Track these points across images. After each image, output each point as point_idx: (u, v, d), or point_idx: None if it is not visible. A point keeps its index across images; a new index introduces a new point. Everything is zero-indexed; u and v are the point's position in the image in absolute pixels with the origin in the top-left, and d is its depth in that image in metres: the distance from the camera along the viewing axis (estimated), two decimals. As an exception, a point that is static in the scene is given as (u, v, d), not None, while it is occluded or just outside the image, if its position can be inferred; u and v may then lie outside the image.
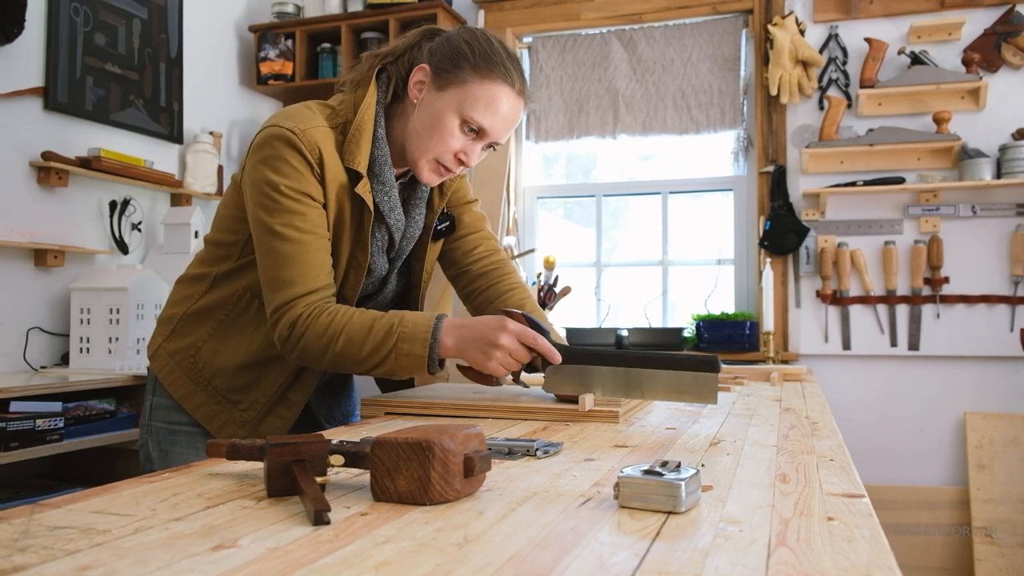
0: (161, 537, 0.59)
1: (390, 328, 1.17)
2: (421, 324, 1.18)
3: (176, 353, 1.33)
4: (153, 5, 3.14)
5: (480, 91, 1.22)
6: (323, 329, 1.18)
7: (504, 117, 1.24)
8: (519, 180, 3.67)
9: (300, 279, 1.19)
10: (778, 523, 0.63)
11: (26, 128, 2.66)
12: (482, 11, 3.58)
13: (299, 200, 1.19)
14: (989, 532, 2.89)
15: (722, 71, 3.36)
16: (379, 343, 1.17)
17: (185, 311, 1.33)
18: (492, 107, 1.22)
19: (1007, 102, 3.00)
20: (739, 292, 3.41)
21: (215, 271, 1.32)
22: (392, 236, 1.33)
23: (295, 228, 1.19)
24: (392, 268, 1.38)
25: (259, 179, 1.21)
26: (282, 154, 1.19)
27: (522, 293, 1.47)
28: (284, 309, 1.19)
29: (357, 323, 1.18)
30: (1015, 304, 2.98)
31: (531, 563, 0.53)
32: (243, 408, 1.30)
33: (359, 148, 1.24)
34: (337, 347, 1.18)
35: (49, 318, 2.75)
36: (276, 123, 1.22)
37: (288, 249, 1.19)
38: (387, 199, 1.29)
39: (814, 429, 1.15)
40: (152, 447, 1.35)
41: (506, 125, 1.26)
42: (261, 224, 1.21)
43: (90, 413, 2.41)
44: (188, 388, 1.32)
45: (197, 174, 3.23)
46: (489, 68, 1.22)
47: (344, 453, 0.75)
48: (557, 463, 0.88)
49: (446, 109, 1.23)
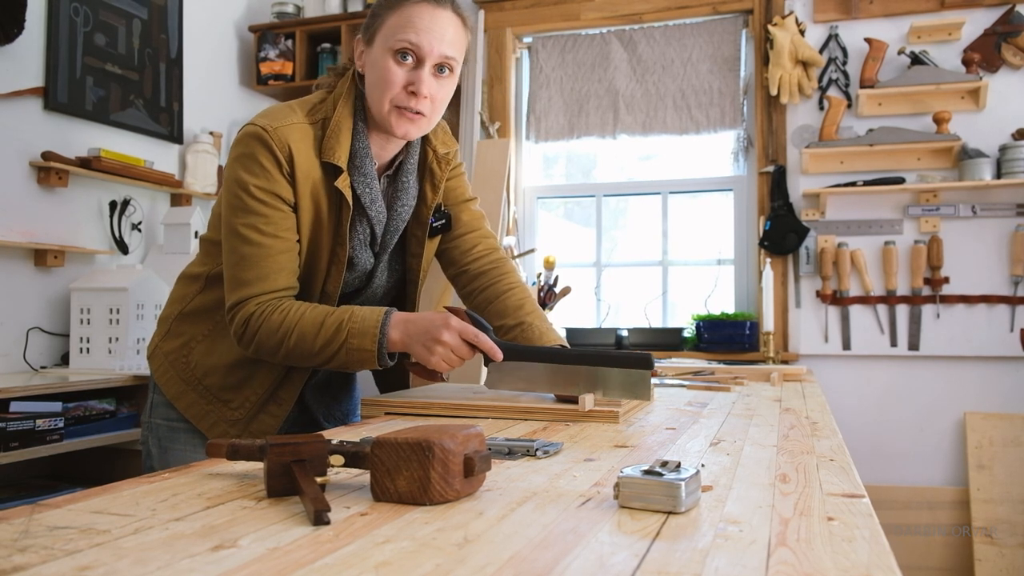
0: (161, 537, 0.59)
1: (340, 323, 1.20)
2: (370, 319, 1.20)
3: (170, 353, 1.36)
4: (153, 5, 3.14)
5: (395, 19, 1.24)
6: (276, 325, 1.21)
7: (427, 28, 1.23)
8: (519, 180, 3.67)
9: (256, 281, 1.22)
10: (778, 523, 0.63)
11: (26, 128, 2.66)
12: (482, 11, 3.58)
13: (265, 202, 1.22)
14: (989, 532, 2.89)
15: (722, 71, 3.36)
16: (330, 338, 1.19)
17: (180, 311, 1.36)
18: (411, 24, 1.23)
19: (1007, 102, 3.00)
20: (739, 292, 3.41)
21: (207, 271, 1.34)
22: (374, 229, 1.33)
23: (257, 231, 1.21)
24: (378, 262, 1.38)
25: (231, 177, 1.24)
26: (253, 152, 1.22)
27: (521, 292, 1.47)
28: (239, 307, 1.23)
29: (309, 319, 1.21)
30: (1015, 304, 2.98)
31: (531, 563, 0.53)
32: (234, 407, 1.32)
33: (338, 142, 1.25)
34: (290, 343, 1.21)
35: (49, 318, 2.75)
36: (252, 121, 1.25)
37: (248, 251, 1.22)
38: (368, 191, 1.29)
39: (814, 429, 1.15)
40: (153, 444, 1.38)
41: (434, 35, 1.23)
42: (227, 224, 1.24)
43: (90, 413, 2.41)
44: (179, 388, 1.34)
45: (197, 174, 3.23)
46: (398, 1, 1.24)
47: (344, 453, 0.75)
48: (557, 463, 0.88)
49: (379, 54, 1.25)
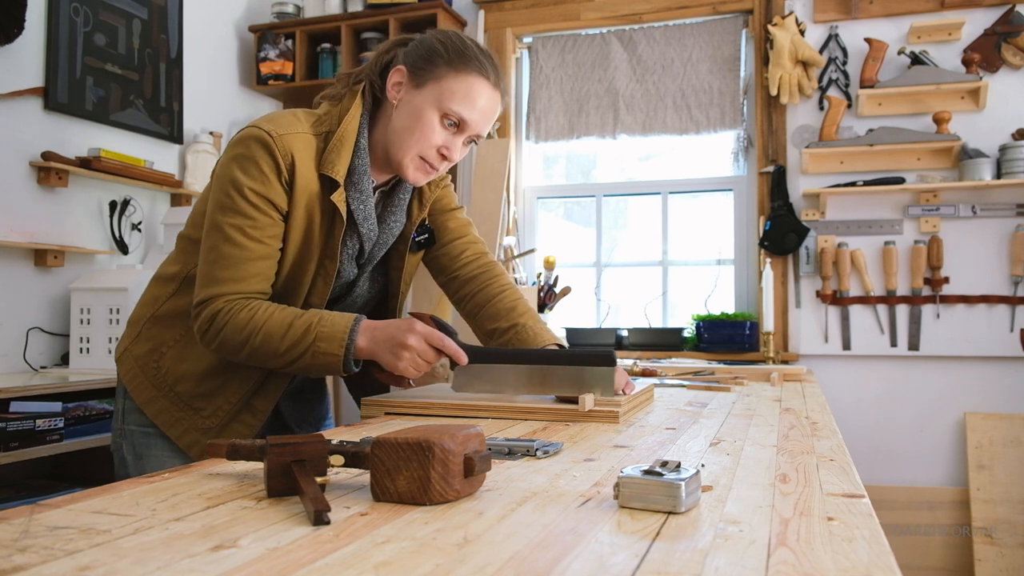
0: (161, 537, 0.59)
1: (309, 326, 1.19)
2: (339, 325, 1.19)
3: (140, 357, 1.32)
4: (153, 5, 3.14)
5: (457, 84, 1.24)
6: (243, 323, 1.19)
7: (482, 109, 1.26)
8: (519, 180, 3.67)
9: (230, 281, 1.20)
10: (778, 523, 0.63)
11: (26, 128, 2.66)
12: (482, 11, 3.58)
13: (256, 205, 1.20)
14: (989, 532, 2.89)
15: (722, 71, 3.36)
16: (297, 340, 1.18)
17: (152, 314, 1.33)
18: (470, 99, 1.24)
19: (1007, 102, 3.00)
20: (739, 292, 3.41)
21: (183, 271, 1.31)
22: (363, 244, 1.33)
23: (242, 232, 1.20)
24: (361, 273, 1.38)
25: (225, 176, 1.22)
26: (254, 155, 1.20)
27: (512, 294, 1.47)
28: (206, 304, 1.20)
29: (277, 319, 1.19)
30: (1015, 304, 2.98)
31: (531, 563, 0.53)
32: (206, 415, 1.29)
33: (339, 157, 1.24)
34: (256, 341, 1.19)
35: (49, 318, 2.75)
36: (257, 124, 1.23)
37: (228, 251, 1.20)
38: (362, 207, 1.29)
39: (814, 429, 1.15)
40: (128, 451, 1.34)
41: (485, 117, 1.27)
42: (212, 220, 1.22)
43: (90, 413, 2.41)
44: (149, 393, 1.31)
45: (197, 174, 3.23)
46: (463, 62, 1.24)
47: (344, 453, 0.75)
48: (557, 463, 0.88)
49: (425, 105, 1.24)
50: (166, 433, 1.30)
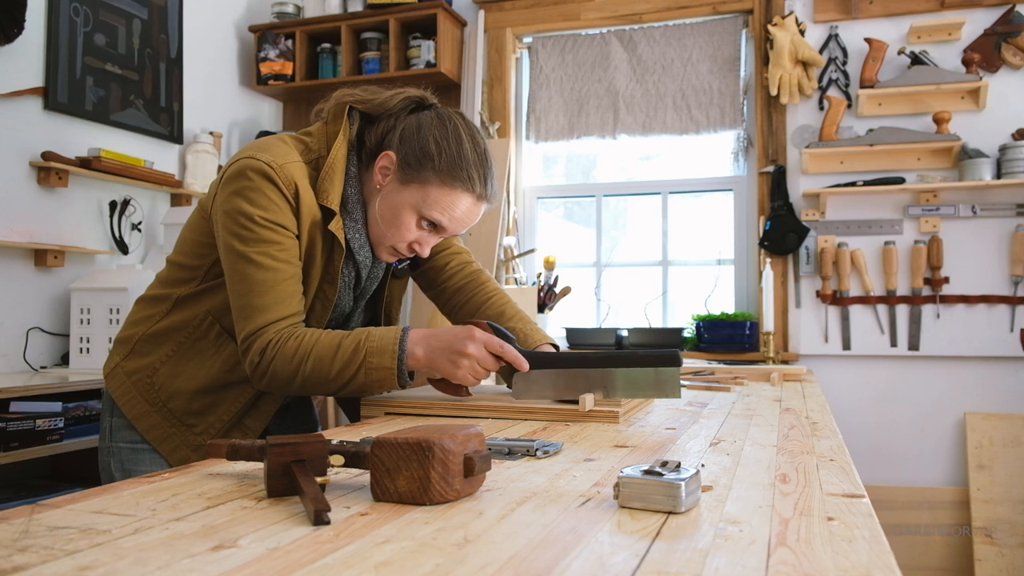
0: (161, 537, 0.59)
1: (358, 344, 1.17)
2: (388, 337, 1.18)
3: (133, 373, 1.31)
4: (153, 5, 3.14)
5: (440, 195, 1.24)
6: (292, 352, 1.17)
7: (460, 219, 1.28)
8: (519, 180, 3.67)
9: (273, 306, 1.19)
10: (778, 523, 0.63)
11: (26, 128, 2.66)
12: (482, 11, 3.58)
13: (274, 230, 1.19)
14: (989, 532, 2.89)
15: (722, 71, 3.36)
16: (348, 360, 1.17)
17: (145, 331, 1.32)
18: (449, 210, 1.25)
19: (1007, 102, 3.00)
20: (739, 292, 3.41)
21: (177, 293, 1.30)
22: (360, 273, 1.34)
23: (271, 256, 1.19)
24: (356, 307, 1.39)
25: (233, 209, 1.19)
26: (259, 186, 1.19)
27: (500, 299, 1.48)
28: (255, 336, 1.18)
29: (324, 343, 1.18)
30: (1015, 304, 2.98)
31: (531, 563, 0.53)
32: (197, 432, 1.29)
33: (332, 185, 1.24)
34: (307, 369, 1.17)
35: (49, 318, 2.75)
36: (252, 155, 1.20)
37: (263, 277, 1.18)
38: (357, 236, 1.30)
39: (814, 429, 1.15)
40: (116, 469, 1.33)
41: (462, 224, 1.30)
42: (235, 252, 1.19)
43: (90, 413, 2.41)
44: (142, 408, 1.30)
45: (197, 174, 3.23)
46: (452, 175, 1.23)
47: (344, 453, 0.75)
48: (557, 463, 0.88)
49: (405, 205, 1.25)
50: (157, 448, 1.29)
